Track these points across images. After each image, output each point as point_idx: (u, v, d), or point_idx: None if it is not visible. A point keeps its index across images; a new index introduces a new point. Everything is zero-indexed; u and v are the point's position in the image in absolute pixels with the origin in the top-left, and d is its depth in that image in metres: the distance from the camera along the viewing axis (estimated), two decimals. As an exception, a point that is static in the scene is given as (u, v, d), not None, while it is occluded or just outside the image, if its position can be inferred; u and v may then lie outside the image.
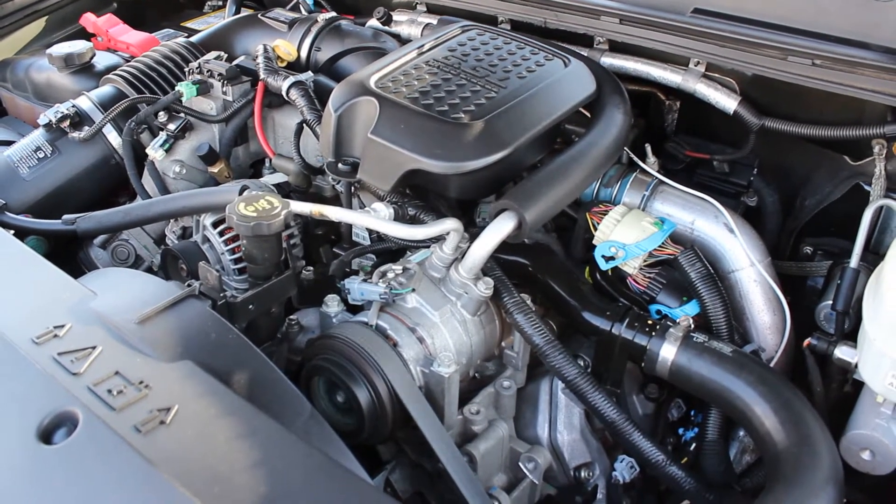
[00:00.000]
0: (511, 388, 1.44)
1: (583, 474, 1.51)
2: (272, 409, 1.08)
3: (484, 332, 1.44)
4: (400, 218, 1.48)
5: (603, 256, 1.52)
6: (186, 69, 1.93)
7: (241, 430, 1.01)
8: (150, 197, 1.84)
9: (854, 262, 1.48)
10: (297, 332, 1.49)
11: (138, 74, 1.99)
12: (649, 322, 1.43)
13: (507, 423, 1.43)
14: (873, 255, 1.60)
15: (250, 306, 1.36)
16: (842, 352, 1.41)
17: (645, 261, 1.53)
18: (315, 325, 1.51)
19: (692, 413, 1.62)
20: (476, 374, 1.50)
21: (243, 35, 2.10)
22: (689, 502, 1.36)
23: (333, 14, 2.10)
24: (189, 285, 1.30)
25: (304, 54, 1.99)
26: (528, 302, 1.41)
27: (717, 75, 1.71)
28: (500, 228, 1.33)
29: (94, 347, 1.11)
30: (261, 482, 0.94)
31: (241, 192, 1.48)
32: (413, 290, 1.38)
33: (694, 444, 1.54)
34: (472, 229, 1.42)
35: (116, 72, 2.02)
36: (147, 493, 0.93)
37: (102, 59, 2.19)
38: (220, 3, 2.71)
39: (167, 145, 1.85)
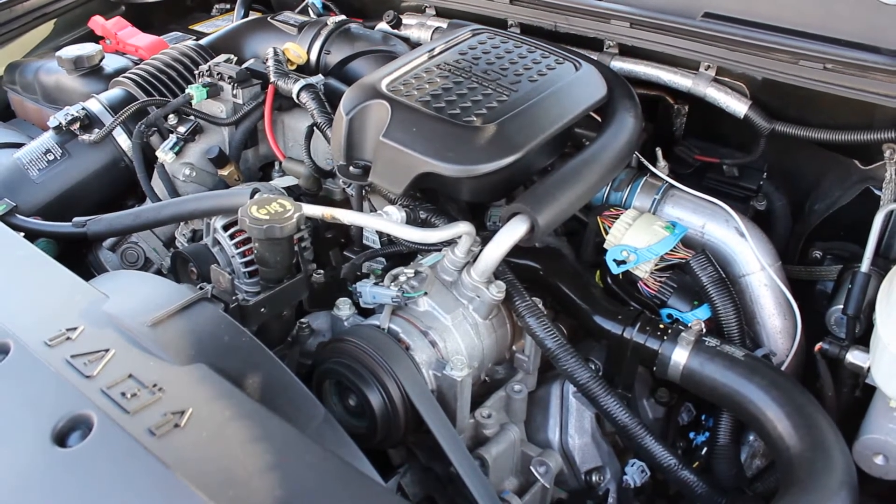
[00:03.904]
0: (522, 391, 1.44)
1: (594, 478, 1.51)
2: (285, 412, 1.08)
3: (495, 335, 1.44)
4: (412, 221, 1.48)
5: (614, 260, 1.52)
6: (196, 72, 1.93)
7: (255, 434, 1.01)
8: (160, 200, 1.84)
9: (865, 266, 1.48)
10: (307, 336, 1.49)
11: (148, 77, 2.00)
12: (661, 326, 1.43)
13: (518, 427, 1.43)
14: (884, 259, 1.60)
15: (262, 309, 1.35)
16: (854, 356, 1.41)
17: (656, 265, 1.53)
18: (326, 328, 1.51)
19: (703, 417, 1.61)
20: (487, 378, 1.49)
21: (253, 38, 2.11)
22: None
23: (343, 17, 2.10)
24: (201, 288, 1.30)
25: (313, 57, 1.99)
26: (540, 305, 1.41)
27: (727, 79, 1.71)
28: (512, 232, 1.33)
29: (107, 350, 1.11)
30: (276, 485, 0.94)
31: (252, 195, 1.48)
32: (425, 293, 1.38)
33: (705, 449, 1.54)
34: (484, 233, 1.42)
35: (126, 74, 2.02)
36: (162, 496, 0.92)
37: (111, 62, 2.19)
38: (228, 6, 2.72)
39: (177, 148, 1.85)
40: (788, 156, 1.84)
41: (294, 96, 1.77)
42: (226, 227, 1.56)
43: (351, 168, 1.50)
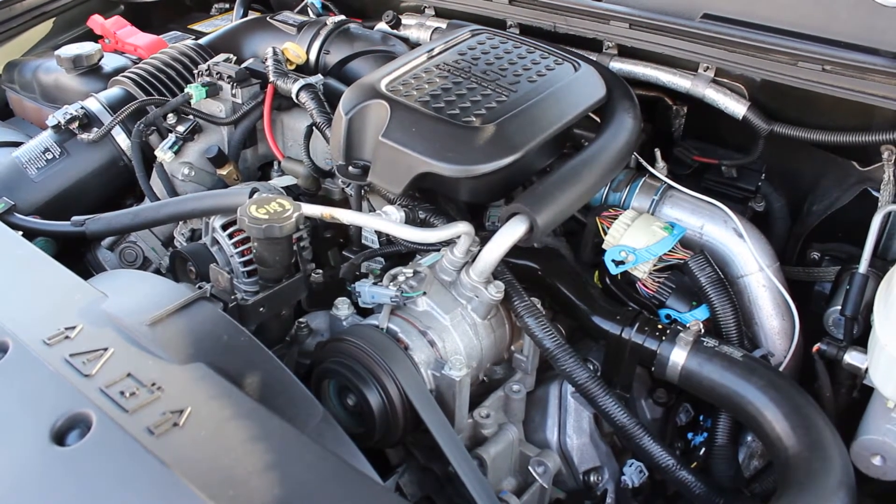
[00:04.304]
0: (521, 391, 1.44)
1: (592, 478, 1.51)
2: (284, 411, 1.08)
3: (494, 335, 1.44)
4: (410, 221, 1.48)
5: (613, 261, 1.52)
6: (195, 71, 1.93)
7: (254, 433, 1.01)
8: (159, 199, 1.84)
9: (863, 267, 1.48)
10: (306, 335, 1.49)
11: (147, 76, 2.00)
12: (659, 326, 1.43)
13: (516, 427, 1.43)
14: (881, 260, 1.61)
15: (261, 309, 1.36)
16: (851, 357, 1.41)
17: (655, 265, 1.53)
18: (324, 328, 1.51)
19: (701, 418, 1.62)
20: (485, 378, 1.49)
21: (252, 38, 2.10)
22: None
23: (342, 17, 2.10)
24: (200, 287, 1.30)
25: (313, 57, 1.99)
26: (538, 306, 1.41)
27: (726, 80, 1.71)
28: (511, 232, 1.33)
29: (105, 349, 1.11)
30: (276, 485, 0.94)
31: (251, 195, 1.48)
32: (424, 293, 1.38)
33: (703, 449, 1.54)
34: (483, 233, 1.42)
35: (125, 73, 2.02)
36: (161, 495, 0.92)
37: (110, 61, 2.19)
38: (228, 5, 2.72)
39: (176, 147, 1.85)
40: (787, 157, 1.84)
41: (293, 96, 1.77)
42: (225, 227, 1.56)
43: (350, 168, 1.50)
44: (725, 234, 1.60)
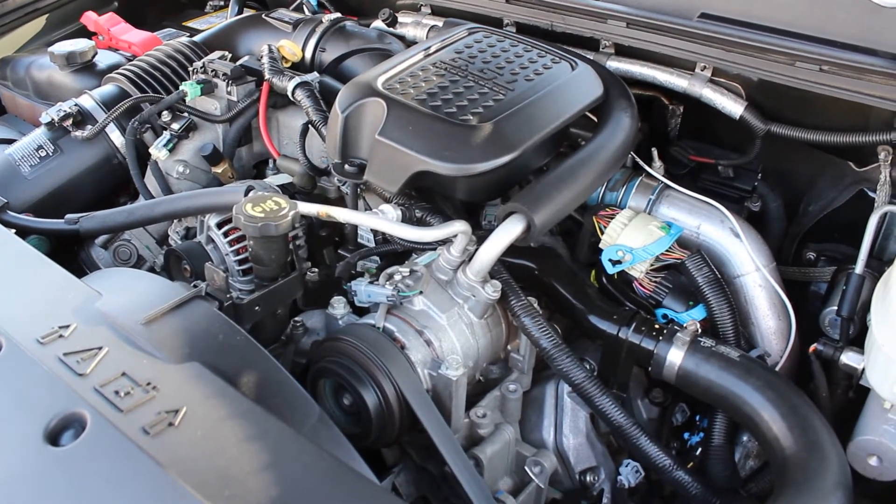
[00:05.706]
0: (517, 391, 1.43)
1: (588, 478, 1.51)
2: (280, 411, 1.07)
3: (490, 335, 1.43)
4: (407, 220, 1.47)
5: (610, 260, 1.52)
6: (190, 69, 1.92)
7: (250, 433, 1.00)
8: (153, 197, 1.83)
9: (859, 268, 1.49)
10: (301, 334, 1.48)
11: (141, 73, 1.99)
12: (656, 326, 1.43)
13: (513, 427, 1.42)
14: (877, 261, 1.61)
15: (257, 308, 1.35)
16: (848, 357, 1.42)
17: (651, 265, 1.53)
18: (320, 327, 1.51)
19: (697, 418, 1.62)
20: (481, 378, 1.49)
21: (247, 35, 2.10)
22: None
23: (338, 15, 2.09)
24: (195, 286, 1.29)
25: (308, 55, 1.98)
26: (535, 305, 1.40)
27: (723, 80, 1.71)
28: (508, 231, 1.32)
29: (100, 348, 1.10)
30: (272, 485, 0.93)
31: (246, 193, 1.47)
32: (420, 292, 1.37)
33: (700, 449, 1.54)
34: (479, 232, 1.41)
35: (119, 71, 2.01)
36: (157, 495, 0.92)
37: (104, 58, 2.18)
38: (222, 2, 2.71)
39: (170, 145, 1.84)
40: (783, 157, 1.84)
41: (289, 94, 1.76)
42: (220, 225, 1.55)
43: (346, 166, 1.49)
44: (722, 233, 1.60)
